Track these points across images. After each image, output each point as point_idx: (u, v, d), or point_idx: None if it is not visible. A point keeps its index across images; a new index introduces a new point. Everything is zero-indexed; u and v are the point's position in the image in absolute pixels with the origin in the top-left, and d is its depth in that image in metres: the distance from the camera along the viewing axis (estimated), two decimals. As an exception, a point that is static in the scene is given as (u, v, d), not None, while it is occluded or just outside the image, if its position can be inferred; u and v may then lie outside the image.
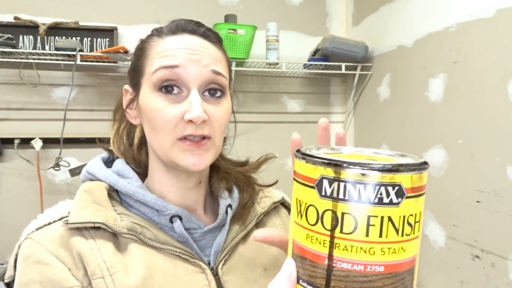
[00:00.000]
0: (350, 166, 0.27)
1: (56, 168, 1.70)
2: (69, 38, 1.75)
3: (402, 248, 0.29)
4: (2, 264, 1.53)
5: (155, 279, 0.51)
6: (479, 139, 1.28)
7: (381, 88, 1.86)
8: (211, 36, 0.58)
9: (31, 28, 1.71)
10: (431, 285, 1.50)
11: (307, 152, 0.32)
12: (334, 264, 0.28)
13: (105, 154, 0.65)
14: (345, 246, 0.28)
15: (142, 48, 0.58)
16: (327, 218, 0.29)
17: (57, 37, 1.75)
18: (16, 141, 1.68)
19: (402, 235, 0.29)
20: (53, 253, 0.50)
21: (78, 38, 1.77)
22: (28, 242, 0.52)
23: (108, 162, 0.64)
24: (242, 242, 0.61)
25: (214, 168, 0.66)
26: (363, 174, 0.27)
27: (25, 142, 1.69)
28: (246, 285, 0.56)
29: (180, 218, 0.56)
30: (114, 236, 0.53)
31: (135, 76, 0.58)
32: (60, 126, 1.66)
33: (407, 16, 1.66)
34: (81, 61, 1.65)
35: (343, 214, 0.28)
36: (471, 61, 1.32)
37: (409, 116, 1.65)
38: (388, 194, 0.27)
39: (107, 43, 1.82)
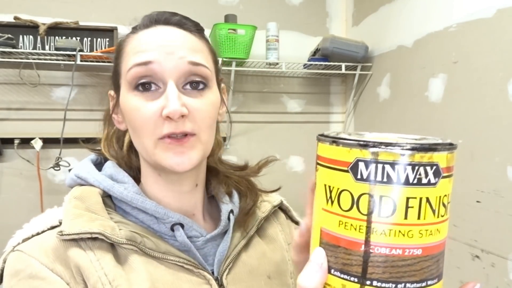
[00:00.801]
0: (389, 147, 0.27)
1: (56, 168, 1.70)
2: (69, 38, 1.75)
3: (437, 229, 0.29)
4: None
5: None
6: (479, 139, 1.28)
7: (381, 88, 1.86)
8: (188, 24, 0.54)
9: (31, 28, 1.71)
10: (431, 285, 1.50)
11: (336, 135, 0.31)
12: (371, 250, 0.28)
13: (93, 156, 0.61)
14: (383, 231, 0.27)
15: (119, 48, 0.55)
16: (364, 202, 0.28)
17: (57, 37, 1.75)
18: (16, 141, 1.68)
19: (438, 216, 0.28)
20: (48, 267, 0.46)
21: (78, 38, 1.76)
22: (17, 255, 0.47)
23: (96, 165, 0.59)
24: (245, 249, 0.58)
25: (212, 171, 0.62)
26: (402, 155, 0.27)
27: (25, 142, 1.69)
28: None
29: (182, 226, 0.53)
30: (112, 246, 0.49)
31: (116, 78, 0.55)
32: (60, 126, 1.66)
33: (407, 16, 1.66)
34: (81, 61, 1.65)
35: (381, 197, 0.27)
36: (471, 61, 1.32)
37: (409, 116, 1.65)
38: (426, 174, 0.27)
39: (107, 43, 1.82)
